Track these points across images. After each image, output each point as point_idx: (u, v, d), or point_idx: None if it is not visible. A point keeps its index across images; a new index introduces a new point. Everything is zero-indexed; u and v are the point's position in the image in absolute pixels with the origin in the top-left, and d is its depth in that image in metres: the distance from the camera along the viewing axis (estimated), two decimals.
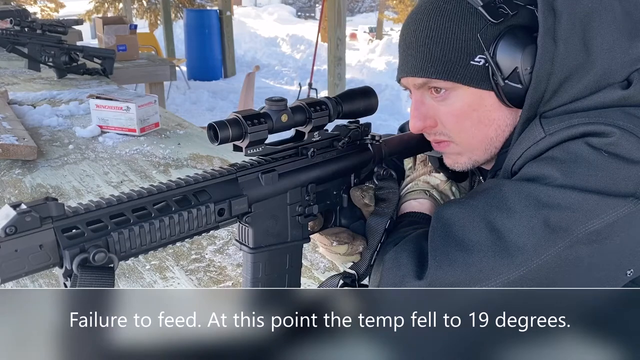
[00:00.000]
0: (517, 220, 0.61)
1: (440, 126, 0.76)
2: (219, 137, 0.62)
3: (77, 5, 11.77)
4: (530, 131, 0.68)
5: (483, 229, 0.63)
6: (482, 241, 0.62)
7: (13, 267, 0.49)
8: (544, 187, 0.62)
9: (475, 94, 0.72)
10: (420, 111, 0.76)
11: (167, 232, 0.57)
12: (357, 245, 0.79)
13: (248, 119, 0.63)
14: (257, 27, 12.74)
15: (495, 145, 0.76)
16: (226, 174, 0.64)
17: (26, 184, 1.45)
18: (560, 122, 0.65)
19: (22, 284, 0.91)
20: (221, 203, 0.62)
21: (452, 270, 0.61)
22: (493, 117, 0.73)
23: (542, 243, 0.60)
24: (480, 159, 0.78)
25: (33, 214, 0.49)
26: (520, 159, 0.68)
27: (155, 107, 1.93)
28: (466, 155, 0.78)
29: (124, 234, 0.54)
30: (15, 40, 2.76)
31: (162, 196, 0.58)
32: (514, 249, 0.60)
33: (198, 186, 0.61)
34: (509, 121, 0.73)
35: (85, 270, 0.51)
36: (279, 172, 0.68)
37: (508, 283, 0.60)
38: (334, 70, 5.53)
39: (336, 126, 0.78)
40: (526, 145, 0.67)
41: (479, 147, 0.76)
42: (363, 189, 0.79)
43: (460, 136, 0.76)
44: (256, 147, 0.65)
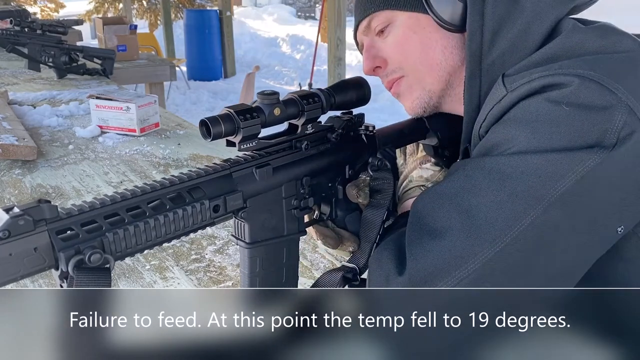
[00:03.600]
0: (484, 197, 0.60)
1: (390, 63, 0.79)
2: (212, 133, 0.61)
3: (77, 5, 11.77)
4: (494, 91, 0.67)
5: (452, 213, 0.61)
6: (452, 225, 0.60)
7: (8, 271, 0.48)
8: (506, 158, 0.60)
9: (412, 18, 0.75)
10: (370, 53, 0.80)
11: (162, 230, 0.57)
12: (347, 246, 0.80)
13: (240, 113, 0.63)
14: (257, 27, 12.74)
15: (445, 69, 0.76)
16: (220, 170, 0.64)
17: (26, 184, 1.45)
18: (521, 78, 0.64)
19: (22, 284, 0.90)
20: (216, 199, 0.62)
21: (428, 260, 0.59)
22: (434, 37, 0.75)
23: (513, 215, 0.58)
24: (435, 88, 0.78)
25: (26, 217, 0.49)
26: (485, 121, 0.68)
27: (155, 107, 1.93)
28: (419, 86, 0.79)
29: (119, 234, 0.54)
30: (15, 41, 2.76)
31: (156, 194, 0.58)
32: (485, 226, 0.58)
33: (192, 183, 0.61)
34: (454, 43, 0.75)
35: (81, 271, 0.50)
36: (273, 166, 0.68)
37: (488, 262, 0.57)
38: (334, 71, 5.53)
39: (329, 118, 0.78)
40: (490, 106, 0.67)
41: (429, 71, 0.77)
42: (359, 186, 0.79)
43: (408, 63, 0.78)
44: (249, 142, 0.65)
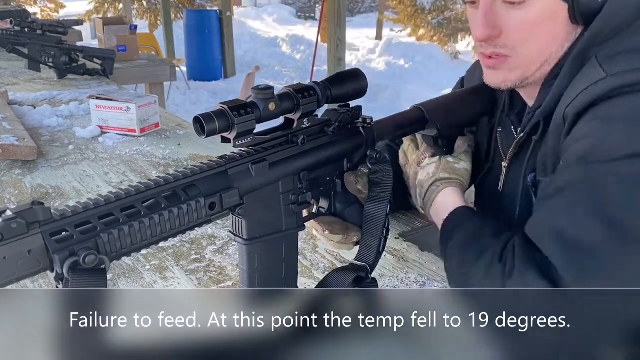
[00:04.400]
0: (631, 205, 0.58)
1: (504, 38, 0.73)
2: (206, 129, 0.60)
3: (77, 5, 11.77)
4: (587, 72, 0.65)
5: (599, 227, 0.59)
6: (605, 240, 0.58)
7: (3, 274, 0.48)
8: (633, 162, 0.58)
9: (552, 4, 0.70)
10: (489, 18, 0.73)
11: (157, 229, 0.57)
12: (352, 236, 0.78)
13: (234, 109, 0.62)
14: (257, 28, 12.74)
15: (550, 62, 0.74)
16: (215, 167, 0.63)
17: (26, 184, 1.45)
18: (624, 63, 0.62)
19: (22, 284, 0.90)
20: (212, 197, 0.61)
21: (592, 282, 0.57)
22: (563, 31, 0.72)
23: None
24: (531, 77, 0.76)
25: (19, 220, 0.48)
26: (577, 100, 0.65)
27: (156, 107, 1.93)
28: (520, 70, 0.76)
29: (113, 235, 0.53)
30: (16, 41, 2.76)
31: (150, 193, 0.57)
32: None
33: (187, 181, 0.60)
34: (572, 38, 0.72)
35: (77, 273, 0.50)
36: (270, 161, 0.67)
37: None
38: (334, 71, 5.53)
39: (326, 111, 0.77)
40: (583, 86, 0.64)
41: (537, 61, 0.74)
42: (357, 174, 0.77)
43: (524, 48, 0.73)
44: (244, 137, 0.64)
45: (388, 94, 6.63)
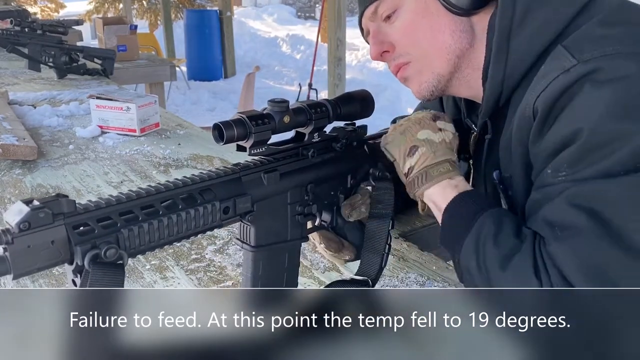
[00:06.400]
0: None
1: (398, 48, 0.80)
2: (225, 136, 0.63)
3: (77, 5, 11.78)
4: (555, 61, 0.65)
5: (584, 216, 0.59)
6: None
7: (26, 263, 0.49)
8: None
9: (420, 2, 0.76)
10: (378, 38, 0.81)
11: (174, 229, 0.58)
12: (344, 255, 0.82)
13: (252, 119, 0.64)
14: (257, 28, 12.74)
15: (455, 53, 0.76)
16: (230, 174, 0.65)
17: (26, 184, 1.45)
18: (592, 49, 0.62)
19: (22, 284, 0.91)
20: (226, 201, 0.63)
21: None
22: (443, 22, 0.76)
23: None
24: (444, 72, 0.78)
25: (46, 210, 0.49)
26: (546, 90, 0.65)
27: (156, 107, 1.93)
28: (428, 70, 0.79)
29: (133, 231, 0.55)
30: (16, 41, 2.76)
31: (169, 194, 0.59)
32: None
33: (204, 185, 0.62)
34: (462, 27, 0.76)
35: (97, 266, 0.51)
36: (281, 172, 0.69)
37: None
38: (334, 71, 5.53)
39: (333, 128, 0.79)
40: (553, 75, 0.64)
41: (438, 56, 0.77)
42: (353, 205, 0.79)
43: (415, 47, 0.78)
44: (259, 147, 0.67)
45: (388, 94, 6.63)
